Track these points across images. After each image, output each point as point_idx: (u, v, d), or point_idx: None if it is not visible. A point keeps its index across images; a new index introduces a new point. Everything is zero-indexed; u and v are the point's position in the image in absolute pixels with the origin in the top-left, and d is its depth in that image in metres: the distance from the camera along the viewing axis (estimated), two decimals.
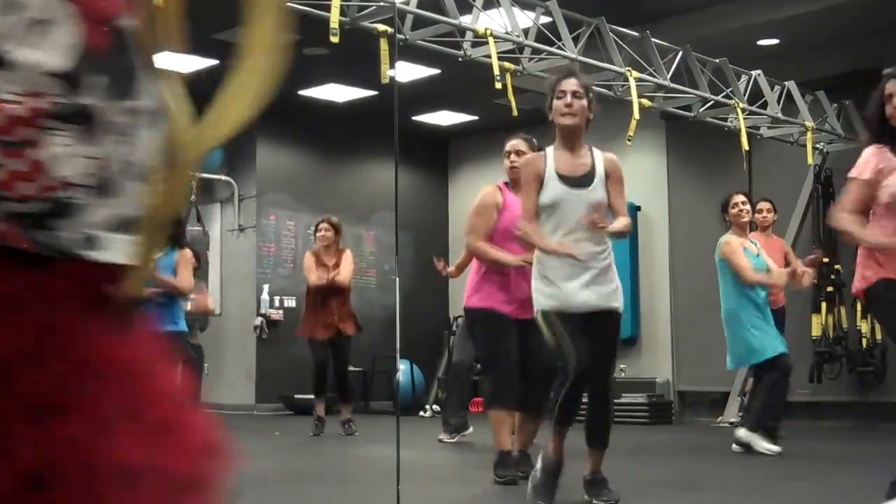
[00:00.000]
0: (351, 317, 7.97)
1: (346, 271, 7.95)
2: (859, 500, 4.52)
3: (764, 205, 7.12)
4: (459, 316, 12.68)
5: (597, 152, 4.24)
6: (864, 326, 9.43)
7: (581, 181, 4.12)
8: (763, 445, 6.21)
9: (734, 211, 6.43)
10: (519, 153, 5.19)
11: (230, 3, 7.10)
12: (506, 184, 5.18)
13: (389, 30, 6.20)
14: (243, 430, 8.23)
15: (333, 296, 7.87)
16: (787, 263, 6.97)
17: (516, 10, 7.05)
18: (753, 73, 8.77)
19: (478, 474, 5.45)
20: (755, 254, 6.40)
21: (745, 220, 6.44)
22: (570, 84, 4.14)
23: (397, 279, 3.76)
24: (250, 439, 7.88)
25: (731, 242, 6.36)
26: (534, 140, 5.26)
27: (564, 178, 4.11)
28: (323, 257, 7.97)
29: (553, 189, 4.09)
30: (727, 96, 8.54)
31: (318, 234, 8.14)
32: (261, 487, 4.95)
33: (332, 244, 8.03)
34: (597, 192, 4.12)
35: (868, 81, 9.52)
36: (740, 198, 6.49)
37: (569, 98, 4.11)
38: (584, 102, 4.15)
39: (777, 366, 6.31)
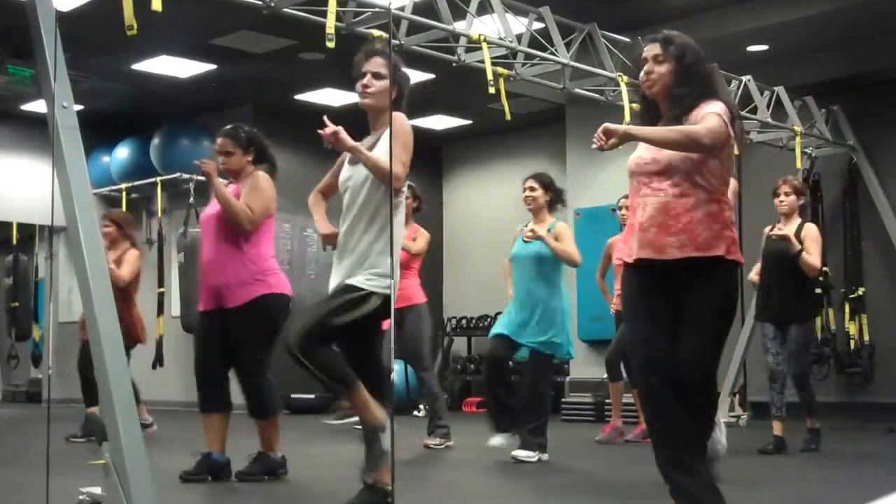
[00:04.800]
0: (130, 325, 7.09)
1: (124, 271, 7.31)
2: (848, 500, 4.59)
3: (526, 183, 6.16)
4: (453, 317, 12.84)
5: (394, 115, 3.89)
6: (853, 328, 9.57)
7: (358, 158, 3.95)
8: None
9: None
10: (227, 153, 5.08)
11: (228, 9, 7.17)
12: None
13: (385, 35, 6.27)
14: (240, 428, 8.32)
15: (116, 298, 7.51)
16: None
17: (510, 17, 7.13)
18: (743, 78, 8.87)
19: (471, 473, 5.55)
20: (525, 240, 5.99)
21: (529, 206, 6.10)
22: (372, 64, 3.98)
23: (392, 280, 3.84)
24: (247, 438, 7.98)
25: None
26: (242, 133, 5.11)
27: (352, 159, 4.04)
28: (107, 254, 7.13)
29: (344, 169, 4.10)
30: None
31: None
32: (258, 484, 5.05)
33: (116, 240, 7.49)
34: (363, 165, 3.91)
35: (856, 87, 9.76)
36: (527, 182, 6.12)
37: (367, 78, 3.97)
38: (388, 83, 3.96)
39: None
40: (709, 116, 3.34)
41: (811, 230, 6.50)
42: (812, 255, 6.37)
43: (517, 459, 5.82)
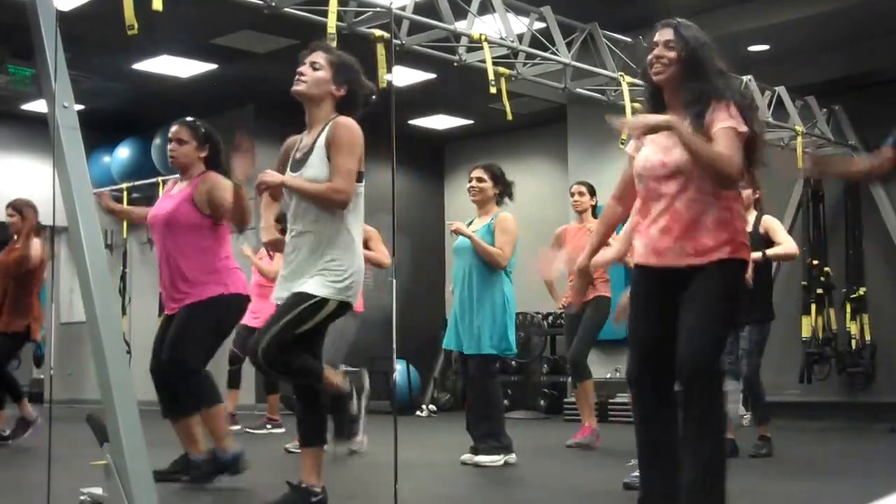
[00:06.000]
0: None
1: (32, 255, 6.96)
2: (850, 500, 4.59)
3: (473, 173, 6.05)
4: None
5: (335, 121, 3.80)
6: (854, 328, 9.56)
7: (299, 163, 3.84)
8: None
9: None
10: (180, 141, 4.88)
11: (229, 9, 7.16)
12: None
13: (386, 35, 6.26)
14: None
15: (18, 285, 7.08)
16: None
17: (511, 16, 7.13)
18: (744, 78, 8.84)
19: (474, 473, 5.54)
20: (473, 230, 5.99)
21: (475, 198, 6.02)
22: (312, 56, 3.87)
23: (394, 280, 3.84)
24: (250, 438, 7.99)
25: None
26: (202, 128, 4.94)
27: (292, 163, 3.89)
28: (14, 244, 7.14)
29: (288, 171, 3.89)
30: None
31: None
32: (259, 483, 5.05)
33: (20, 231, 7.03)
34: (308, 171, 3.78)
35: (857, 87, 9.74)
36: (474, 172, 6.02)
37: (303, 67, 3.85)
38: (323, 74, 3.82)
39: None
40: (723, 137, 3.23)
41: (772, 221, 6.28)
42: (784, 243, 6.14)
43: (480, 465, 5.60)
